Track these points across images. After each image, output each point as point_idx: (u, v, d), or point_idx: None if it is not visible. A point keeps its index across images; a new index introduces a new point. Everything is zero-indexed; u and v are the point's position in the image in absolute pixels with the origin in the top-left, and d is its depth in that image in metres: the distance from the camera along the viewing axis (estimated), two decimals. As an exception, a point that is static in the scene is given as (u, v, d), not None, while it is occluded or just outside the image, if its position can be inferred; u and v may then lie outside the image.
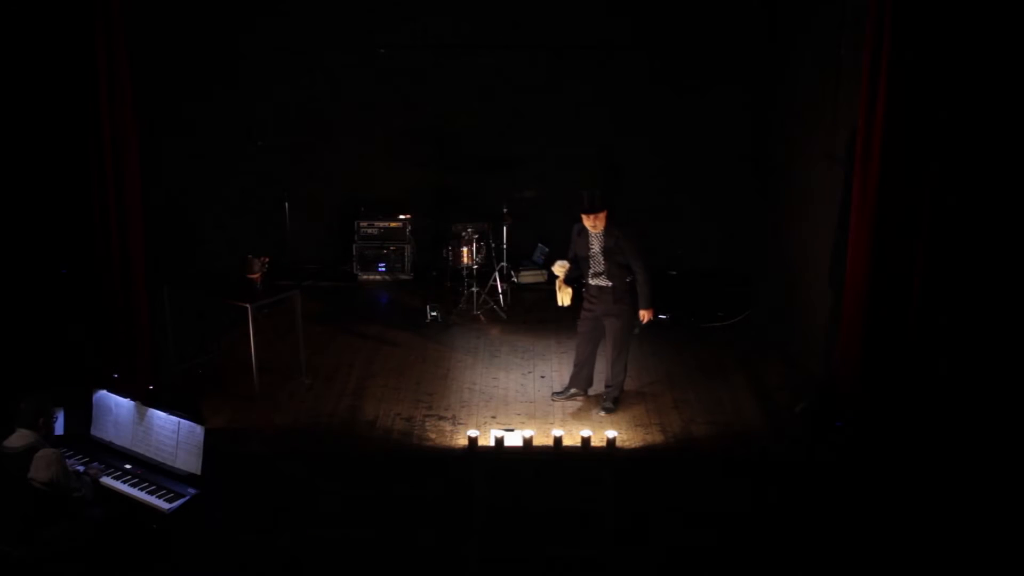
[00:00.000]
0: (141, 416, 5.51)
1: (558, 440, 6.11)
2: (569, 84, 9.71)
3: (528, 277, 9.69)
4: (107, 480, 5.27)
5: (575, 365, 6.89)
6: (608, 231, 6.46)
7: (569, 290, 6.76)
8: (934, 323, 5.78)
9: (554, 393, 6.99)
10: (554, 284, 6.78)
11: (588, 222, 6.45)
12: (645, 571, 5.35)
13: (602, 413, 6.66)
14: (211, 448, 5.25)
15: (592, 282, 6.63)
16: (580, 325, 6.79)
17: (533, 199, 9.74)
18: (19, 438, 4.80)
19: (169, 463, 5.37)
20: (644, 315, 6.58)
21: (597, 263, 6.55)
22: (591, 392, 6.94)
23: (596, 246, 6.51)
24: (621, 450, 6.12)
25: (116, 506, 5.16)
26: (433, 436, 6.38)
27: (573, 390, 6.91)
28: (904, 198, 5.72)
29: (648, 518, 5.63)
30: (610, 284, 6.54)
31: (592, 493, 5.82)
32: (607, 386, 6.76)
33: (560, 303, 6.80)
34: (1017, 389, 5.64)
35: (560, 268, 6.67)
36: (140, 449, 5.50)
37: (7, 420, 4.92)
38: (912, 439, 5.83)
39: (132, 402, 5.56)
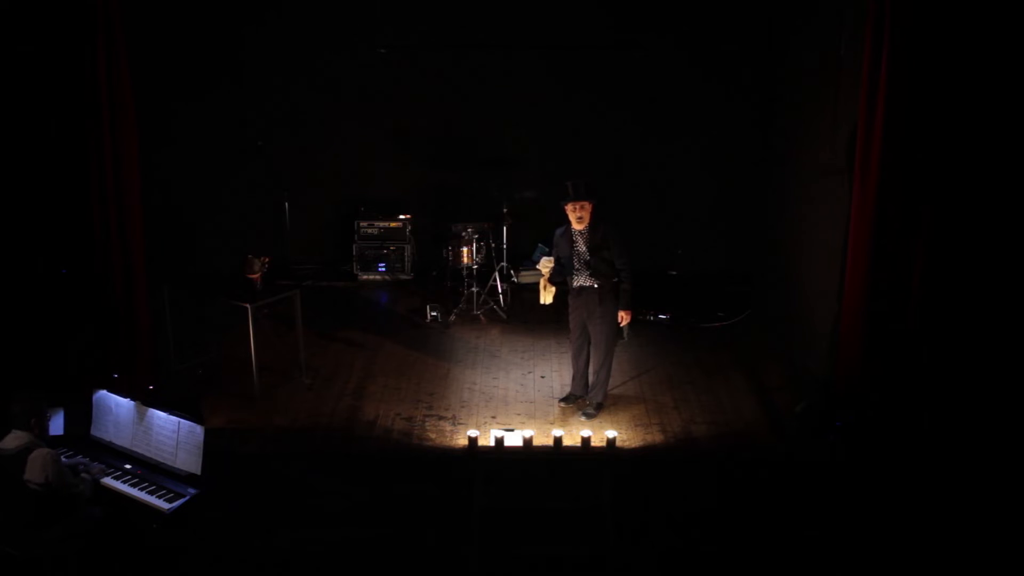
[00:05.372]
0: (141, 416, 5.51)
1: (558, 440, 6.11)
2: (570, 84, 9.71)
3: (528, 277, 9.68)
4: (107, 480, 5.27)
5: (574, 370, 6.83)
6: (594, 226, 6.36)
7: (552, 289, 6.69)
8: (934, 323, 5.78)
9: (560, 400, 6.93)
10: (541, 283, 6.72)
11: (573, 214, 6.32)
12: (645, 571, 5.35)
13: (583, 418, 6.59)
14: (211, 448, 5.25)
15: (576, 283, 6.48)
16: (571, 332, 6.72)
17: (533, 199, 9.75)
18: (13, 439, 4.79)
19: (169, 463, 5.36)
20: (624, 316, 6.47)
21: (582, 261, 6.40)
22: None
23: (581, 243, 6.39)
24: (621, 450, 6.12)
25: (116, 506, 5.16)
26: (433, 436, 6.38)
27: (578, 396, 6.85)
28: (904, 197, 5.72)
29: (648, 518, 5.63)
30: (595, 284, 6.40)
31: (592, 493, 5.82)
32: (589, 391, 6.70)
33: (542, 301, 6.73)
34: (1017, 389, 5.64)
35: (547, 264, 6.54)
36: (140, 449, 5.50)
37: (3, 422, 4.91)
38: (912, 439, 5.83)
39: (132, 402, 5.56)
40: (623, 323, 6.50)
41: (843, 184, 6.47)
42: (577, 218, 6.34)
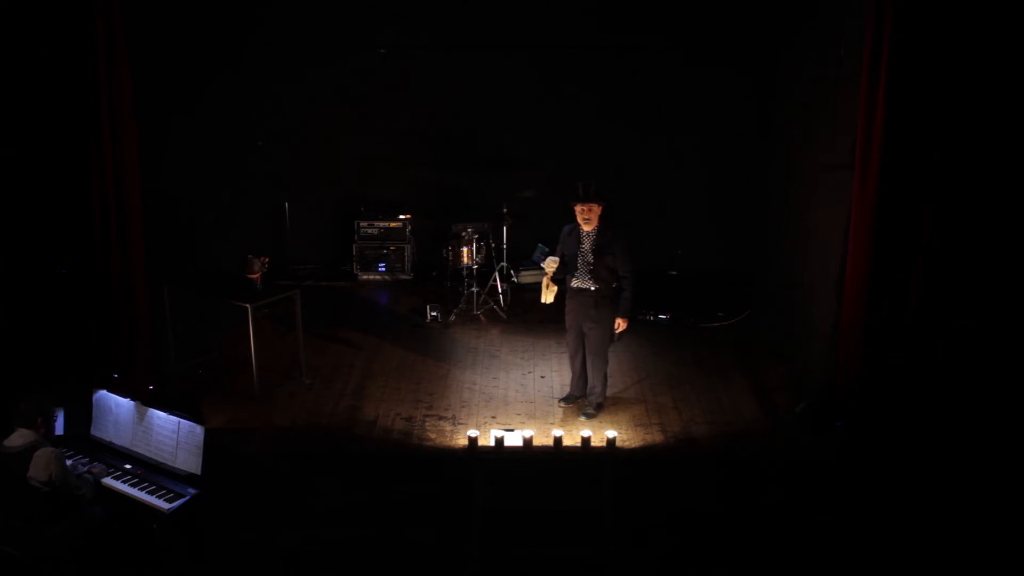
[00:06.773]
0: (141, 416, 5.51)
1: (558, 440, 6.11)
2: (569, 84, 9.71)
3: (528, 277, 9.68)
4: (107, 480, 5.27)
5: (572, 372, 6.84)
6: (601, 229, 6.38)
7: (554, 288, 6.68)
8: (933, 323, 5.78)
9: (560, 400, 6.93)
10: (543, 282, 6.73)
11: (581, 215, 6.34)
12: (645, 571, 5.35)
13: (583, 418, 6.60)
14: (211, 448, 5.25)
15: (575, 284, 6.49)
16: (567, 333, 6.72)
17: (533, 199, 9.74)
18: (19, 437, 4.81)
19: (169, 463, 5.37)
20: (621, 324, 6.46)
21: (585, 263, 6.40)
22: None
23: (587, 244, 6.40)
24: (621, 450, 6.12)
25: (116, 506, 5.16)
26: (433, 436, 6.38)
27: (577, 396, 6.85)
28: (904, 198, 5.72)
29: (648, 518, 5.63)
30: (594, 287, 6.41)
31: (592, 493, 5.82)
32: (588, 393, 6.70)
33: (543, 300, 6.72)
34: (1016, 389, 5.64)
35: (551, 264, 6.54)
36: (140, 449, 5.50)
37: (7, 420, 4.92)
38: (911, 439, 5.83)
39: (132, 402, 5.56)
40: (619, 330, 6.50)
41: (843, 184, 6.47)
42: (584, 219, 6.36)
